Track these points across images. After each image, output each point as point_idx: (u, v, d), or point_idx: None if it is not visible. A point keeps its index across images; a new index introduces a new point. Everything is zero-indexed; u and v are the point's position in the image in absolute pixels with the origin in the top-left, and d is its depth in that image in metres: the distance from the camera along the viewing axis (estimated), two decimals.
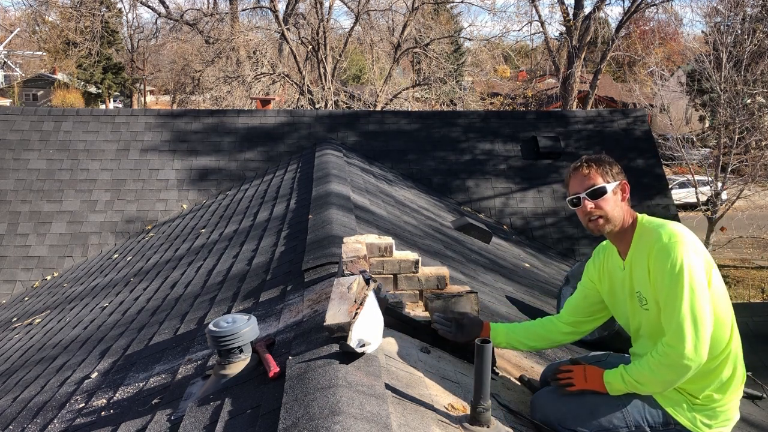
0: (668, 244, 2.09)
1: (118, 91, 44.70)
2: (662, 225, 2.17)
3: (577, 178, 2.29)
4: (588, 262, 2.54)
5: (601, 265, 2.44)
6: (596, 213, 2.24)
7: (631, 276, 2.25)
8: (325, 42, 20.53)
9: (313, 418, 1.64)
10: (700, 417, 2.17)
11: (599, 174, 2.26)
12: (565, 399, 2.25)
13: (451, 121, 9.34)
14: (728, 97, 16.60)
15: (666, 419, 2.18)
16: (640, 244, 2.22)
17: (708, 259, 2.13)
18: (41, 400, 3.05)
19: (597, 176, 2.26)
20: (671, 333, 2.06)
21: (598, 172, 2.26)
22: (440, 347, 2.55)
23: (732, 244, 17.79)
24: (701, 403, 2.18)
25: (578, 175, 2.29)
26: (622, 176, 2.29)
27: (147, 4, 26.21)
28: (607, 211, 2.24)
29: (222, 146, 8.54)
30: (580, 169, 2.29)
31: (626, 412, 2.19)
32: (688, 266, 2.05)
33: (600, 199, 2.24)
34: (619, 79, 39.99)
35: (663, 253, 2.09)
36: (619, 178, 2.28)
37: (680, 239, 2.09)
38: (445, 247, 5.11)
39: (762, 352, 5.01)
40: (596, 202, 2.24)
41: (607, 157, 2.32)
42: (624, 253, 2.31)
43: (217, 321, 2.20)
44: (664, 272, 2.08)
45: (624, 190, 2.29)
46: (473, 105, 22.80)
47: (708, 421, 2.18)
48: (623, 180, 2.29)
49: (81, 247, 7.42)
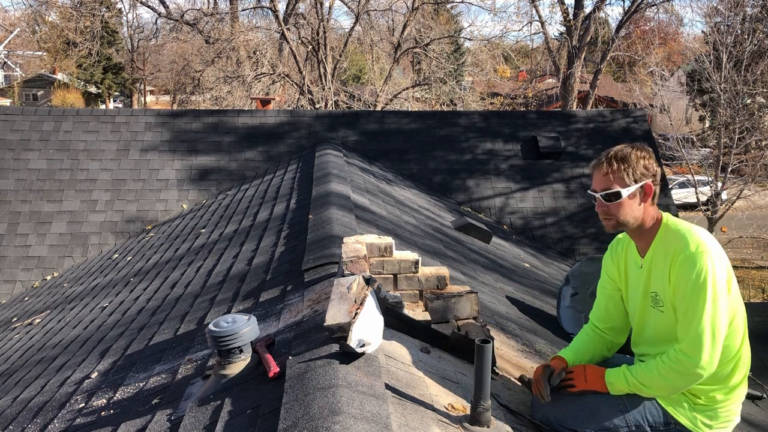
0: (695, 253, 2.05)
1: (118, 91, 44.72)
2: (689, 231, 2.12)
3: (598, 174, 2.22)
4: (605, 256, 2.48)
5: (619, 258, 2.40)
6: (607, 215, 2.22)
7: (649, 275, 2.22)
8: (325, 42, 20.53)
9: (313, 418, 1.64)
10: (701, 417, 2.17)
11: (619, 176, 2.17)
12: (565, 399, 2.25)
13: (452, 120, 9.34)
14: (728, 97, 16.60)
15: (666, 419, 2.18)
16: (663, 246, 2.18)
17: (729, 266, 2.11)
18: (41, 400, 3.05)
19: (616, 178, 2.18)
20: (689, 342, 2.05)
21: (618, 174, 2.17)
22: (440, 347, 2.55)
23: (732, 244, 17.78)
24: (703, 404, 2.17)
25: (599, 171, 2.22)
26: (647, 177, 2.18)
27: (147, 4, 26.22)
28: (618, 216, 2.20)
29: (222, 146, 8.54)
30: (601, 166, 2.21)
31: (626, 412, 2.18)
32: (712, 278, 2.03)
33: (614, 203, 2.18)
34: (620, 79, 40.01)
35: (689, 261, 2.06)
36: (643, 179, 2.17)
37: (707, 249, 2.06)
38: (445, 247, 5.11)
39: (762, 352, 5.01)
40: (609, 205, 2.19)
41: (638, 151, 2.19)
42: (643, 250, 2.26)
43: (217, 321, 2.20)
44: (689, 282, 2.05)
45: (648, 191, 2.18)
46: (473, 105, 22.78)
47: (709, 422, 2.17)
48: (647, 181, 2.18)
49: (81, 247, 7.42)
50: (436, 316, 2.75)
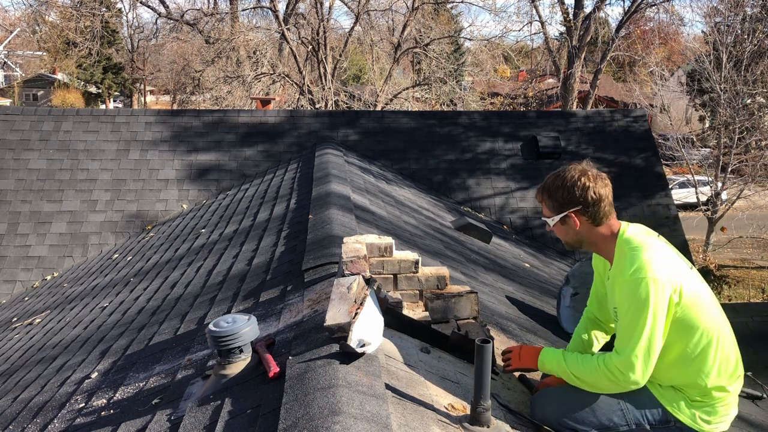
0: (636, 278, 2.08)
1: (118, 91, 44.70)
2: (634, 252, 2.14)
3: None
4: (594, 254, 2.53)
5: (599, 262, 2.47)
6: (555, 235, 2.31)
7: (612, 289, 2.25)
8: (325, 42, 20.53)
9: (313, 418, 1.64)
10: (700, 414, 2.19)
11: (546, 205, 2.30)
12: (565, 398, 2.27)
13: (452, 120, 9.34)
14: (728, 97, 16.61)
15: (666, 417, 2.20)
16: (618, 264, 2.21)
17: (677, 279, 2.11)
18: (41, 400, 3.05)
19: (544, 207, 2.31)
20: (624, 359, 2.10)
21: (545, 203, 2.30)
22: (440, 347, 2.55)
23: (732, 244, 17.79)
24: (700, 401, 2.20)
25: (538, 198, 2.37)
26: (570, 206, 2.21)
27: (147, 4, 26.23)
28: (560, 237, 2.34)
29: (222, 146, 8.54)
30: (536, 194, 2.37)
31: (626, 410, 2.21)
32: (653, 302, 2.06)
33: (551, 228, 2.33)
34: (620, 79, 40.00)
35: (629, 285, 2.10)
36: (565, 209, 2.22)
37: (647, 273, 2.07)
38: (445, 247, 5.11)
39: (762, 352, 5.01)
40: (549, 229, 2.34)
41: (564, 180, 2.23)
42: (610, 262, 2.31)
43: (217, 321, 2.20)
44: (629, 304, 2.10)
45: (573, 219, 2.23)
46: (473, 105, 22.78)
47: (707, 417, 2.20)
48: (569, 210, 2.22)
49: (81, 247, 7.42)
50: (436, 316, 2.75)
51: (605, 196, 2.22)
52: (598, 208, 2.21)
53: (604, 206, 2.22)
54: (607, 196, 2.22)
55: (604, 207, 2.22)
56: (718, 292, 15.42)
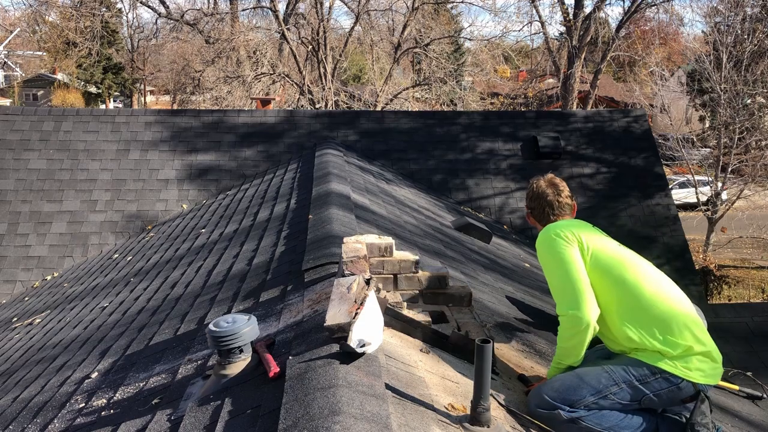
0: (542, 238, 2.65)
1: (118, 91, 44.69)
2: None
3: None
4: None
5: None
6: None
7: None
8: (325, 42, 20.53)
9: (313, 418, 1.64)
10: (680, 363, 2.36)
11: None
12: (553, 381, 2.43)
13: (451, 120, 9.34)
14: (728, 97, 16.61)
15: (651, 370, 2.37)
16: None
17: (578, 232, 2.58)
18: (41, 399, 3.05)
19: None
20: (565, 305, 2.43)
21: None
22: (440, 347, 2.55)
23: (732, 244, 17.78)
24: (676, 355, 2.36)
25: None
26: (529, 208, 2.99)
27: (147, 4, 26.22)
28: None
29: (222, 146, 8.54)
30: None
31: (610, 371, 2.38)
32: (561, 248, 2.54)
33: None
34: (620, 79, 39.97)
35: (540, 245, 2.66)
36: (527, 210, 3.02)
37: (549, 232, 2.62)
38: (445, 247, 5.11)
39: (762, 352, 5.01)
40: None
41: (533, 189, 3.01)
42: None
43: (218, 321, 2.20)
44: (545, 261, 2.61)
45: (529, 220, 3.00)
46: (473, 105, 22.77)
47: (686, 365, 2.37)
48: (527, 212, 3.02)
49: (81, 247, 7.42)
50: (436, 316, 2.75)
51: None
52: (545, 212, 2.90)
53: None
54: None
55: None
56: (718, 292, 15.42)
